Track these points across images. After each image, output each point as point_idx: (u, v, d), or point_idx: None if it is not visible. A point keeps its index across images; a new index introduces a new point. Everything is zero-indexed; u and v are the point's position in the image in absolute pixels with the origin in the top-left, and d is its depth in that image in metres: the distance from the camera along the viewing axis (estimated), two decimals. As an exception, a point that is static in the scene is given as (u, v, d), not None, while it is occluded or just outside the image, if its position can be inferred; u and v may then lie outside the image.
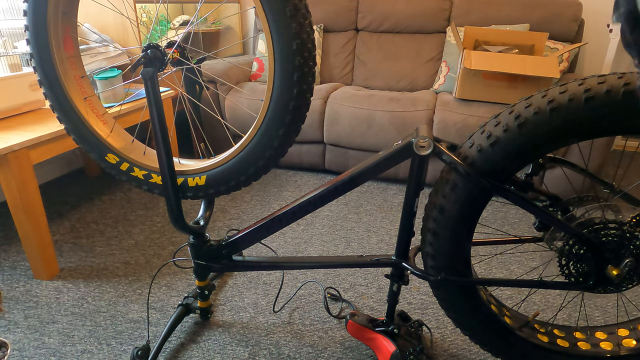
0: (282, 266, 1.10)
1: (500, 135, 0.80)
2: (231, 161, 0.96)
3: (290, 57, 0.81)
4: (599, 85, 0.73)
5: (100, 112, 1.06)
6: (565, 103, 0.75)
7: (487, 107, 2.03)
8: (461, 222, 0.88)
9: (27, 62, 1.85)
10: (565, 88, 0.76)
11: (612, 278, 0.85)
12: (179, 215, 1.03)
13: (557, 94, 0.77)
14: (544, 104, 0.77)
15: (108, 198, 2.11)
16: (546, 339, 1.01)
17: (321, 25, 2.72)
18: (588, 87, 0.74)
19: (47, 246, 1.47)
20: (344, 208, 2.02)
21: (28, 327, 1.27)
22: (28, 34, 0.94)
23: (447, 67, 2.43)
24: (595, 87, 0.73)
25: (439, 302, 1.02)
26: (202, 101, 2.48)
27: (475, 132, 0.86)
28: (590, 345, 1.00)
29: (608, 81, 0.73)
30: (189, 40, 2.49)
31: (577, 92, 0.74)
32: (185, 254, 1.66)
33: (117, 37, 2.16)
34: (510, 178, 0.88)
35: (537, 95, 0.80)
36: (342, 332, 1.26)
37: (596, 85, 0.73)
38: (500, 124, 0.81)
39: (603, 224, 0.84)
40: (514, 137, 0.79)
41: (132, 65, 0.88)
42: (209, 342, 1.23)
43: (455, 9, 2.51)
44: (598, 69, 2.54)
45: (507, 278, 1.52)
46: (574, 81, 0.78)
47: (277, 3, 0.77)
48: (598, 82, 0.74)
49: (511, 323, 1.00)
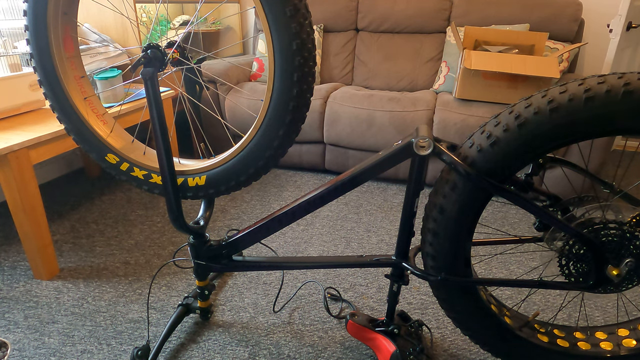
0: (282, 266, 1.10)
1: (500, 136, 0.80)
2: (231, 161, 0.96)
3: (290, 57, 0.81)
4: (599, 85, 0.73)
5: (100, 112, 1.06)
6: (565, 103, 0.75)
7: (487, 107, 2.03)
8: (461, 222, 0.88)
9: (27, 62, 1.85)
10: (565, 88, 0.76)
11: (612, 278, 0.85)
12: (179, 215, 1.03)
13: (557, 93, 0.77)
14: (544, 104, 0.77)
15: (108, 198, 2.11)
16: (546, 339, 1.01)
17: (321, 25, 2.72)
18: (588, 87, 0.74)
19: (47, 246, 1.47)
20: (344, 208, 2.02)
21: (28, 327, 1.27)
22: (28, 34, 0.94)
23: (447, 67, 2.43)
24: (595, 87, 0.73)
25: (439, 302, 1.02)
26: (202, 101, 2.48)
27: (475, 132, 0.86)
28: (590, 345, 1.00)
29: (608, 81, 0.73)
30: (189, 40, 2.49)
31: (577, 92, 0.74)
32: (185, 254, 1.66)
33: (117, 37, 2.16)
34: (510, 178, 0.88)
35: (537, 95, 0.80)
36: (342, 332, 1.26)
37: (596, 85, 0.73)
38: (500, 124, 0.81)
39: (603, 224, 0.84)
40: (514, 137, 0.79)
41: (132, 65, 0.88)
42: (209, 342, 1.23)
43: (455, 9, 2.51)
44: (598, 69, 2.54)
45: (507, 278, 1.51)
46: (574, 81, 0.78)
47: (277, 3, 0.77)
48: (598, 82, 0.74)
49: (511, 323, 1.00)
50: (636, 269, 0.84)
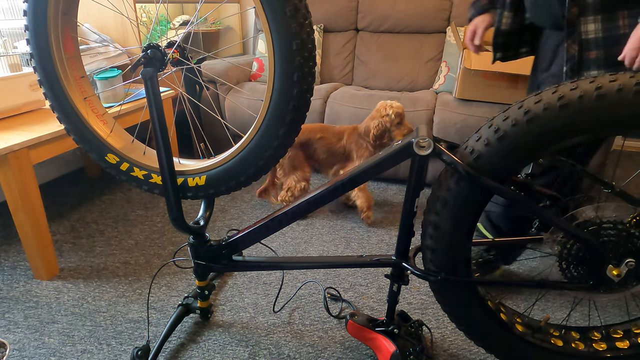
0: (282, 266, 1.10)
1: (508, 130, 0.79)
2: (231, 161, 0.96)
3: (290, 57, 0.81)
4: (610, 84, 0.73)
5: (100, 112, 1.06)
6: (575, 100, 0.74)
7: (487, 107, 2.03)
8: (461, 222, 0.88)
9: (27, 62, 1.85)
10: (576, 85, 0.76)
11: (612, 278, 0.85)
12: (179, 215, 1.03)
13: (554, 95, 0.77)
14: (543, 105, 0.77)
15: (108, 198, 2.11)
16: (560, 343, 1.01)
17: (321, 25, 2.72)
18: (594, 86, 0.74)
19: (47, 246, 1.47)
20: (344, 208, 2.02)
21: (28, 327, 1.27)
22: (28, 34, 0.94)
23: (447, 67, 2.43)
24: (606, 85, 0.73)
25: (438, 303, 1.02)
26: (202, 101, 2.48)
27: (472, 136, 0.86)
28: (606, 345, 1.00)
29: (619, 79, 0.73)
30: (189, 40, 2.49)
31: (589, 89, 0.74)
32: (185, 254, 1.66)
33: (117, 37, 2.16)
34: (510, 178, 0.88)
35: (531, 99, 0.79)
36: (342, 332, 1.26)
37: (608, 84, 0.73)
38: (507, 120, 0.81)
39: (603, 224, 0.84)
40: (515, 137, 0.79)
41: (132, 65, 0.88)
42: (209, 342, 1.23)
43: (455, 9, 2.51)
44: (598, 69, 2.54)
45: (507, 279, 1.51)
46: (585, 79, 0.77)
47: (277, 3, 0.77)
48: (610, 80, 0.73)
49: (522, 330, 1.00)
50: (636, 269, 0.84)
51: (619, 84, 0.72)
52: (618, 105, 0.72)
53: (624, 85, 0.71)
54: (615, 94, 0.72)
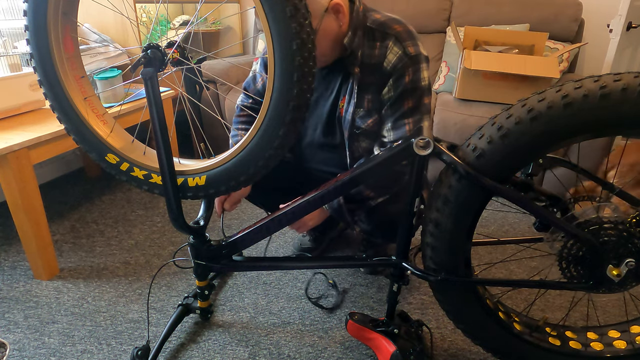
0: (282, 266, 1.10)
1: (511, 128, 0.79)
2: (231, 161, 0.96)
3: (290, 57, 0.81)
4: (615, 83, 0.72)
5: (100, 112, 1.06)
6: (579, 99, 0.74)
7: (487, 107, 2.03)
8: (462, 220, 0.88)
9: (27, 62, 1.85)
10: (579, 84, 0.76)
11: (612, 278, 0.85)
12: (179, 215, 1.03)
13: (558, 93, 0.77)
14: (547, 103, 0.77)
15: (108, 198, 2.10)
16: (558, 342, 1.01)
17: (321, 25, 2.72)
18: (604, 83, 0.73)
19: (47, 246, 1.47)
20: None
21: (28, 327, 1.27)
22: (28, 34, 0.94)
23: (447, 67, 2.42)
24: (611, 84, 0.73)
25: (437, 301, 1.02)
26: (202, 101, 2.48)
27: (474, 134, 0.86)
28: (603, 345, 1.00)
29: (624, 79, 0.72)
30: (189, 40, 2.49)
31: (594, 88, 0.74)
32: (185, 254, 1.66)
33: (117, 37, 2.16)
34: (510, 178, 0.88)
35: (535, 97, 0.79)
36: (342, 332, 1.26)
37: (612, 83, 0.73)
38: (511, 118, 0.81)
39: (603, 223, 0.84)
40: (518, 135, 0.79)
41: (132, 65, 0.88)
42: (209, 342, 1.23)
43: (455, 9, 2.51)
44: (598, 69, 2.54)
45: (507, 278, 1.52)
46: (590, 77, 0.77)
47: (277, 3, 0.77)
48: (614, 79, 0.73)
49: (520, 329, 1.00)
50: (637, 269, 0.84)
51: (624, 84, 0.72)
52: (622, 104, 0.72)
53: (628, 84, 0.71)
54: (620, 93, 0.72)
